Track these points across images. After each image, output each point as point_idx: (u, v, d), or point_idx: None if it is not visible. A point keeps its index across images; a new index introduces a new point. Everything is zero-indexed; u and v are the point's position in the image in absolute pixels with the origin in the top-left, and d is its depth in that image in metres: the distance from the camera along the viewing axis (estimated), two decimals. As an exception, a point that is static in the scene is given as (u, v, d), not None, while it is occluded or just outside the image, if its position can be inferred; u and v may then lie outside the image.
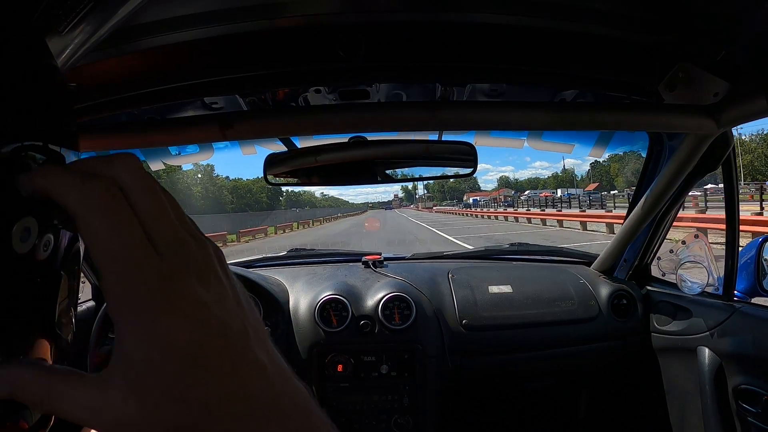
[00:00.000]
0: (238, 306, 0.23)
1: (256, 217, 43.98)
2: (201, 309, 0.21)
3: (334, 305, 1.32)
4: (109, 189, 0.20)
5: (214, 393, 0.20)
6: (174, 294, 0.20)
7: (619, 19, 0.73)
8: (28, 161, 0.23)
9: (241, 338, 0.22)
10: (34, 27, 0.31)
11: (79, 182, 0.20)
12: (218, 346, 0.21)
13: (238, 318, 0.22)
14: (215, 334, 0.21)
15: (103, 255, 0.20)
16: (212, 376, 0.20)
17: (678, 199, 1.22)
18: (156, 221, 0.21)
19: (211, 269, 0.22)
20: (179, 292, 0.20)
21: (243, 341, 0.22)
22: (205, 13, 0.71)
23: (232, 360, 0.21)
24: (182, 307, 0.20)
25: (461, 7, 0.75)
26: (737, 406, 1.03)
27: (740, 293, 1.16)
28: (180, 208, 0.24)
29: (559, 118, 0.85)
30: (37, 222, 0.23)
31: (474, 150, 1.08)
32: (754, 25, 0.68)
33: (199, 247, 0.22)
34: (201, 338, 0.20)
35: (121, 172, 0.21)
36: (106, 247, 0.20)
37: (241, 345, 0.22)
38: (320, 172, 1.10)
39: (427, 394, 1.31)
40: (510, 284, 1.44)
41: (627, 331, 1.38)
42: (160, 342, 0.19)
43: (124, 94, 0.86)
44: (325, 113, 0.88)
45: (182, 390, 0.19)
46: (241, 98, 0.97)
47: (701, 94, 0.82)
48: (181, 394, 0.19)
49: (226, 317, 0.22)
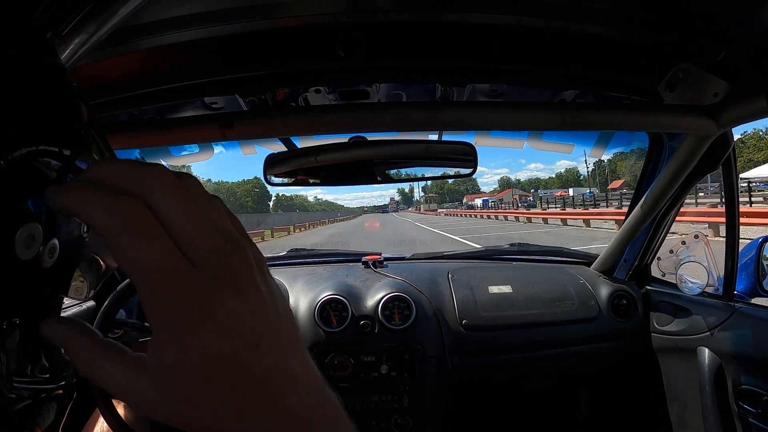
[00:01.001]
0: (274, 315, 0.23)
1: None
2: (235, 321, 0.21)
3: (334, 305, 1.31)
4: (136, 209, 0.20)
5: (244, 402, 0.21)
6: (208, 306, 0.20)
7: (619, 19, 0.73)
8: (40, 167, 0.23)
9: (275, 349, 0.22)
10: (36, 26, 0.31)
11: (106, 202, 0.20)
12: (251, 357, 0.21)
13: (273, 328, 0.23)
14: (248, 346, 0.21)
15: (133, 273, 0.20)
16: (243, 386, 0.21)
17: (678, 200, 1.22)
18: (189, 233, 0.21)
19: (249, 278, 0.22)
20: (213, 305, 0.21)
21: (276, 352, 0.22)
22: (205, 13, 0.71)
23: (265, 371, 0.21)
24: (216, 319, 0.20)
25: (461, 7, 0.75)
26: (737, 406, 1.03)
27: (740, 293, 1.16)
28: (224, 211, 0.24)
29: (559, 118, 0.85)
30: (42, 228, 0.22)
31: (474, 150, 1.08)
32: (754, 25, 0.68)
33: (238, 255, 0.22)
34: (234, 351, 0.21)
35: (151, 189, 0.21)
36: (135, 266, 0.20)
37: (273, 356, 0.22)
38: (320, 172, 1.10)
39: (427, 394, 1.31)
40: (510, 284, 1.44)
41: (627, 332, 1.38)
42: (193, 353, 0.20)
43: (124, 94, 0.86)
44: (325, 113, 0.88)
45: (212, 395, 0.20)
46: (241, 98, 0.97)
47: (701, 94, 0.82)
48: (210, 399, 0.20)
49: (261, 328, 0.22)
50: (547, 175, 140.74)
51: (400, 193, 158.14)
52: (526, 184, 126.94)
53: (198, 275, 0.20)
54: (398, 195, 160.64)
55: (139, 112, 0.99)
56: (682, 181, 1.13)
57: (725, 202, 1.09)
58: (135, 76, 0.83)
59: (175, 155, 1.28)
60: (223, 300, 0.21)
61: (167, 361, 0.20)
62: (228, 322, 0.21)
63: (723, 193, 1.12)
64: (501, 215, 30.49)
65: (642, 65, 0.85)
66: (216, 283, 0.21)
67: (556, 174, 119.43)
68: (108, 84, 0.84)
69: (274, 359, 0.22)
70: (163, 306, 0.20)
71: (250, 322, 0.21)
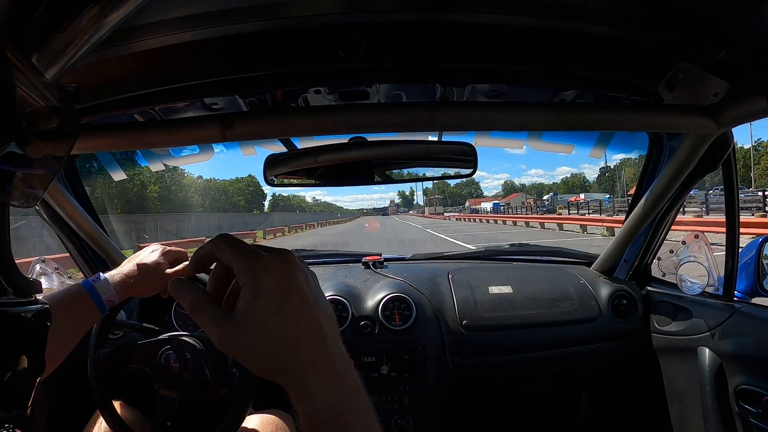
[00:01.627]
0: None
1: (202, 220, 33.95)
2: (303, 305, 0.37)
3: (334, 306, 1.31)
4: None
5: (299, 335, 0.36)
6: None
7: (619, 19, 0.73)
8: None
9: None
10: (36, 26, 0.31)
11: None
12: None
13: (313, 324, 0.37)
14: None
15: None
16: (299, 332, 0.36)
17: (678, 200, 1.22)
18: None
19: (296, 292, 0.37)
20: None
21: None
22: (205, 14, 0.71)
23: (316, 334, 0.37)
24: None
25: (461, 7, 0.75)
26: (738, 406, 1.03)
27: (740, 293, 1.16)
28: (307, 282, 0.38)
29: (559, 118, 0.85)
30: None
31: (474, 151, 1.08)
32: (754, 25, 0.68)
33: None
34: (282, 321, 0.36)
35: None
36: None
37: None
38: (320, 173, 1.10)
39: (428, 394, 1.31)
40: (510, 285, 1.44)
41: (627, 332, 1.38)
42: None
43: (124, 94, 0.86)
44: (324, 114, 0.88)
45: (278, 329, 0.35)
46: (241, 99, 0.97)
47: (701, 94, 0.82)
48: (277, 334, 0.35)
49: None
50: (549, 180, 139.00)
51: (401, 195, 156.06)
52: (530, 189, 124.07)
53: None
54: (398, 197, 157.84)
55: (139, 112, 0.99)
56: (682, 181, 1.13)
57: (725, 202, 1.09)
58: (135, 77, 0.83)
59: (175, 156, 1.28)
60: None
61: (251, 324, 0.35)
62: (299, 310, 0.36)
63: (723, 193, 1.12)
64: (519, 220, 27.81)
65: (642, 65, 0.85)
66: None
67: (561, 179, 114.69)
68: (108, 84, 0.84)
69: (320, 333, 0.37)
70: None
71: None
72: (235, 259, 0.36)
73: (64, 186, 1.12)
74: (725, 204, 1.09)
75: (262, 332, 0.34)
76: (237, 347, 0.35)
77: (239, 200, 62.97)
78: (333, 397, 0.35)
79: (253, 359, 0.35)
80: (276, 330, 0.34)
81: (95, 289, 0.79)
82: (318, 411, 0.35)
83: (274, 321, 0.34)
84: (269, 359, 0.35)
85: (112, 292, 0.80)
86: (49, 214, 1.14)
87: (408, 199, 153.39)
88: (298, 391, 0.35)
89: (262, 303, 0.34)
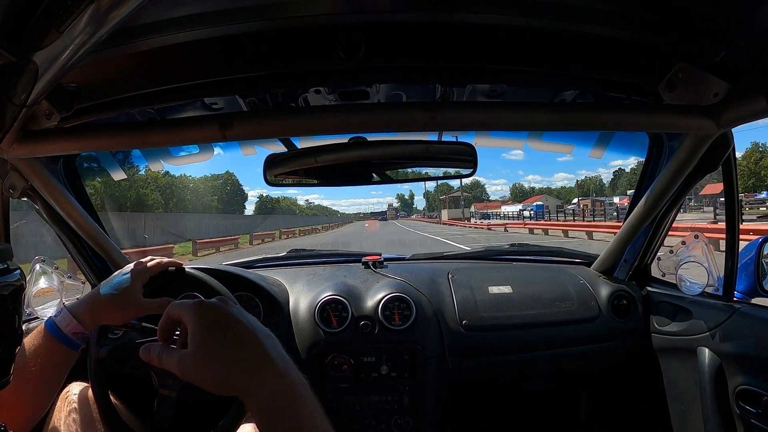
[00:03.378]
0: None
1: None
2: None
3: (334, 306, 1.31)
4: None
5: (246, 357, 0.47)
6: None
7: (619, 19, 0.73)
8: None
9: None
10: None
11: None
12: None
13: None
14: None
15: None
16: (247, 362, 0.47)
17: (678, 200, 1.22)
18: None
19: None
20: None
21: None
22: (205, 14, 0.71)
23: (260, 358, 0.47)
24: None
25: (461, 7, 0.75)
26: (738, 406, 1.03)
27: (740, 293, 1.16)
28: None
29: (559, 118, 0.85)
30: None
31: (474, 150, 1.08)
32: (754, 25, 0.68)
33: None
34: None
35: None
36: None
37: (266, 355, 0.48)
38: (320, 173, 1.10)
39: (427, 394, 1.31)
40: (510, 285, 1.44)
41: (627, 332, 1.37)
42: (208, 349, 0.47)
43: (124, 94, 0.87)
44: (324, 114, 0.88)
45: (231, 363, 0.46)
46: (241, 99, 0.97)
47: (701, 94, 0.82)
48: (220, 365, 0.46)
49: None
50: (545, 185, 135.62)
51: (399, 199, 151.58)
52: (538, 192, 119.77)
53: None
54: (397, 201, 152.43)
55: (139, 112, 0.99)
56: (682, 181, 1.13)
57: (725, 202, 1.09)
58: (135, 77, 0.84)
59: (175, 156, 1.28)
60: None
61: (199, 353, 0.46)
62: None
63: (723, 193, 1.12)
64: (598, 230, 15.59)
65: (642, 65, 0.85)
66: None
67: (576, 182, 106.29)
68: (108, 84, 0.84)
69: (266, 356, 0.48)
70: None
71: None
72: (186, 316, 0.49)
73: (64, 186, 1.12)
74: (725, 204, 1.09)
75: (212, 361, 0.46)
76: (194, 376, 0.46)
77: (212, 200, 54.74)
78: (275, 397, 0.45)
79: (207, 383, 0.45)
80: (222, 356, 0.46)
81: (56, 325, 0.75)
82: (265, 404, 0.44)
83: (219, 352, 0.46)
84: (219, 381, 0.45)
85: (74, 323, 0.76)
86: (49, 214, 1.14)
87: (407, 203, 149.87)
88: (247, 397, 0.45)
89: (209, 340, 0.46)
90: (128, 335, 0.93)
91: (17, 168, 0.98)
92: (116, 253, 1.31)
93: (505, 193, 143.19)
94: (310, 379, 0.51)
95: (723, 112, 0.83)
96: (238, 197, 64.26)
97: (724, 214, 1.16)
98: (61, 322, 0.76)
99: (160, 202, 38.62)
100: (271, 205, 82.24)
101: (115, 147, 1.07)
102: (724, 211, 1.22)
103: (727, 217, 1.08)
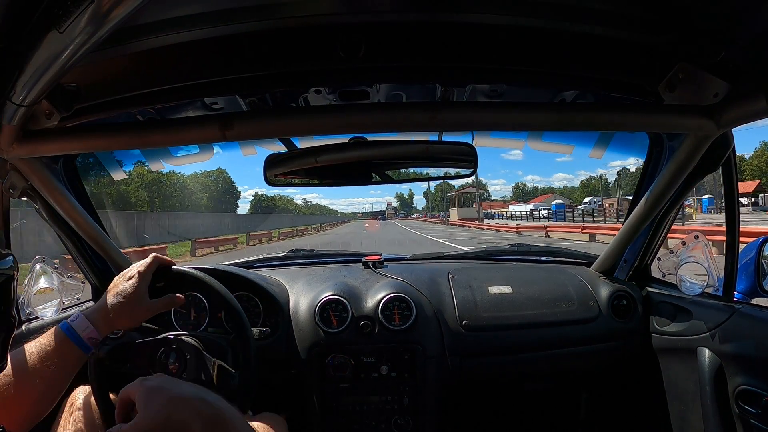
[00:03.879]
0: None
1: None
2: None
3: (334, 306, 1.31)
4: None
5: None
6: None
7: (619, 19, 0.73)
8: None
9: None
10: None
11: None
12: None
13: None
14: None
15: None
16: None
17: (678, 200, 1.22)
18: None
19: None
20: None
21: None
22: (205, 14, 0.71)
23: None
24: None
25: (461, 8, 0.75)
26: (737, 407, 1.03)
27: (740, 294, 1.16)
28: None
29: (559, 118, 0.85)
30: None
31: (474, 151, 1.08)
32: (754, 25, 0.68)
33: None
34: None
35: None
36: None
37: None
38: (320, 173, 1.10)
39: (427, 394, 1.31)
40: (510, 285, 1.44)
41: (627, 332, 1.37)
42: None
43: (124, 94, 0.87)
44: (325, 114, 0.88)
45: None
46: (241, 99, 0.97)
47: (701, 94, 0.82)
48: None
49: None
50: (546, 185, 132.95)
51: (399, 198, 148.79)
52: (541, 192, 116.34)
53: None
54: (396, 200, 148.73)
55: (139, 112, 0.99)
56: (682, 182, 1.13)
57: (725, 202, 1.09)
58: (135, 77, 0.84)
59: (175, 155, 1.28)
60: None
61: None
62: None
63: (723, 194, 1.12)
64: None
65: (642, 65, 0.85)
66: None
67: (580, 182, 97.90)
68: (108, 84, 0.84)
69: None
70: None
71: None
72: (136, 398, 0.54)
73: (64, 186, 1.12)
74: (725, 205, 1.09)
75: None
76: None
77: (201, 198, 50.21)
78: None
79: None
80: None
81: (73, 329, 0.78)
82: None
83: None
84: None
85: (91, 329, 0.79)
86: (49, 214, 1.14)
87: (407, 202, 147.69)
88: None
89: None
90: (128, 335, 0.93)
91: (17, 168, 0.98)
92: (116, 253, 1.31)
93: (505, 192, 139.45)
94: (310, 379, 0.50)
95: (723, 113, 0.83)
96: (231, 195, 58.81)
97: (760, 212, 1.15)
98: (78, 327, 0.79)
99: (144, 200, 35.28)
100: (267, 204, 75.46)
101: (115, 147, 1.07)
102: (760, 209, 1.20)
103: (727, 217, 1.08)
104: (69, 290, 1.21)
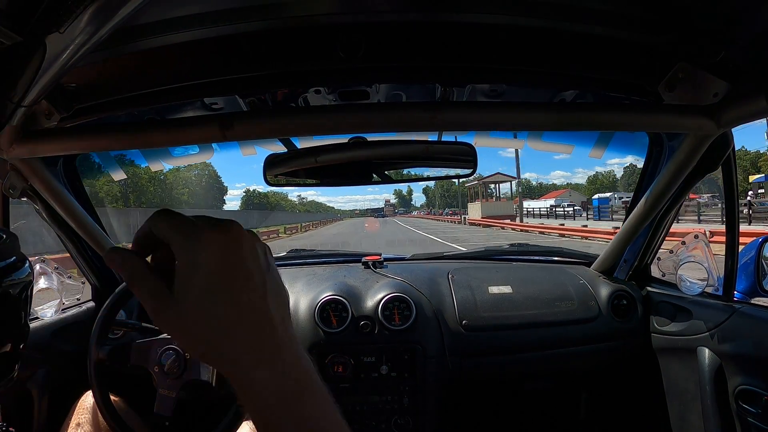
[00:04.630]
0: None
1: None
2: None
3: (333, 306, 1.31)
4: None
5: (240, 317, 0.32)
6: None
7: (619, 19, 0.73)
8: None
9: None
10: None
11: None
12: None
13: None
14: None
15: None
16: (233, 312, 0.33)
17: (678, 200, 1.22)
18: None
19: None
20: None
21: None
22: (205, 14, 0.71)
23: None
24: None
25: (461, 7, 0.75)
26: (737, 406, 1.03)
27: (740, 294, 1.16)
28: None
29: (559, 118, 0.85)
30: None
31: (474, 150, 1.08)
32: (754, 25, 0.68)
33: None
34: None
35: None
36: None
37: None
38: (320, 173, 1.10)
39: (427, 394, 1.31)
40: (510, 285, 1.44)
41: (627, 332, 1.38)
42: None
43: (124, 94, 0.86)
44: (324, 114, 0.88)
45: (210, 314, 0.32)
46: (241, 99, 0.97)
47: (701, 94, 0.82)
48: (209, 317, 0.32)
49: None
50: (544, 182, 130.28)
51: (397, 195, 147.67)
52: (545, 190, 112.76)
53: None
54: (395, 197, 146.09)
55: (139, 112, 0.99)
56: (681, 182, 1.13)
57: (725, 202, 1.09)
58: (135, 77, 0.84)
59: (175, 155, 1.28)
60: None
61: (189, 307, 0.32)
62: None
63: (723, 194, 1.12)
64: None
65: (642, 65, 0.85)
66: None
67: (587, 178, 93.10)
68: (108, 84, 0.84)
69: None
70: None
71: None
72: (171, 235, 0.32)
73: (63, 186, 1.12)
74: (725, 205, 1.09)
75: (196, 312, 0.31)
76: (171, 325, 0.32)
77: (181, 194, 45.90)
78: (281, 387, 0.32)
79: (186, 339, 0.33)
80: (212, 310, 0.32)
81: None
82: (265, 403, 0.32)
83: (210, 300, 0.31)
84: (204, 341, 0.32)
85: None
86: (49, 214, 1.14)
87: (406, 200, 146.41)
88: (240, 381, 0.32)
89: (197, 281, 0.31)
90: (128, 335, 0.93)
91: (17, 168, 0.98)
92: None
93: (504, 190, 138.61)
94: None
95: (723, 112, 0.83)
96: (216, 191, 53.82)
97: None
98: None
99: (115, 195, 31.80)
100: (258, 200, 69.71)
101: (115, 147, 1.07)
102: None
103: (727, 217, 1.08)
104: (69, 290, 1.22)
